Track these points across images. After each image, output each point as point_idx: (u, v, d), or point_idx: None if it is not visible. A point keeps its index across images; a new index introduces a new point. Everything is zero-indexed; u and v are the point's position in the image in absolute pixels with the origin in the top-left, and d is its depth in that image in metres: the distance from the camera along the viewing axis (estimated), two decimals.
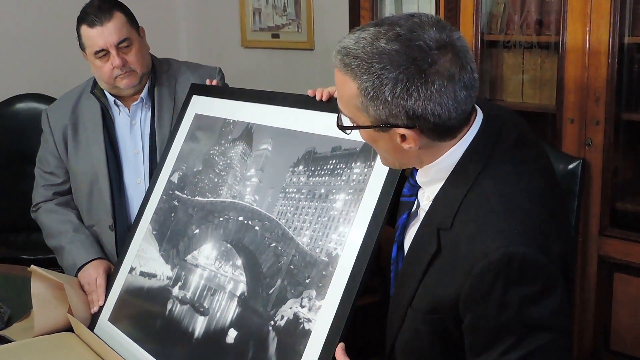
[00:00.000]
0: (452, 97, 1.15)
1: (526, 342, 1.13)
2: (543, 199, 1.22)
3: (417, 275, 1.24)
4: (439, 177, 1.26)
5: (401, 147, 1.21)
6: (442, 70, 1.14)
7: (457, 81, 1.15)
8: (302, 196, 1.56)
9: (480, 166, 1.22)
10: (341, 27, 2.90)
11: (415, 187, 1.35)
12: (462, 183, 1.22)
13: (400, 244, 1.38)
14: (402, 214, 1.38)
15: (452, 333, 1.21)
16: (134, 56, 2.08)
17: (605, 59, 2.05)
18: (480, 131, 1.24)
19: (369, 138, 1.27)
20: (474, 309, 1.14)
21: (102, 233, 2.15)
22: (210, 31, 3.89)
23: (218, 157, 1.84)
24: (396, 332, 1.31)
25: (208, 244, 1.73)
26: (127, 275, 1.90)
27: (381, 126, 1.19)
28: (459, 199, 1.21)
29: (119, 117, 2.18)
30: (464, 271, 1.14)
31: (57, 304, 1.87)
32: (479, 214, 1.18)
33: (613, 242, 2.14)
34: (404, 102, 1.14)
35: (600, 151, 2.10)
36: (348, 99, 1.20)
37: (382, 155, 1.31)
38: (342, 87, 1.21)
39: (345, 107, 1.24)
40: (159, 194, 1.94)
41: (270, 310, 1.49)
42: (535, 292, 1.12)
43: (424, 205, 1.32)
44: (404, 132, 1.18)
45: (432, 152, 1.24)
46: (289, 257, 1.52)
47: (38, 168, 2.23)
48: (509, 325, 1.13)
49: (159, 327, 1.73)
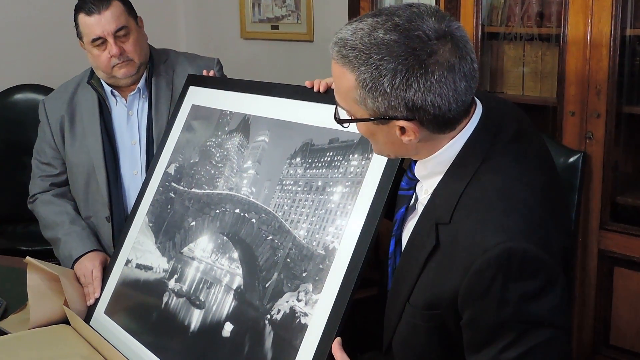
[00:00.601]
0: (452, 88, 1.13)
1: (526, 338, 1.11)
2: (543, 193, 1.20)
3: (415, 271, 1.23)
4: (437, 170, 1.25)
5: (400, 140, 1.20)
6: (441, 61, 1.12)
7: (457, 71, 1.13)
8: (299, 188, 1.55)
9: (479, 159, 1.20)
10: (341, 18, 2.88)
11: (414, 180, 1.34)
12: (461, 177, 1.20)
13: (398, 238, 1.37)
14: (400, 208, 1.36)
15: (450, 329, 1.20)
16: (132, 45, 2.06)
17: (607, 52, 2.04)
18: (480, 124, 1.23)
19: (367, 131, 1.25)
20: (473, 305, 1.13)
21: (99, 224, 2.14)
22: (209, 22, 3.87)
23: (215, 148, 1.82)
24: (394, 327, 1.29)
25: (204, 236, 1.72)
26: (123, 268, 1.88)
27: (380, 119, 1.17)
28: (458, 193, 1.19)
29: (116, 107, 2.16)
30: (462, 267, 1.13)
31: (53, 296, 1.86)
32: (479, 208, 1.16)
33: (613, 236, 2.13)
34: (403, 94, 1.12)
35: (601, 144, 2.08)
36: (346, 92, 1.19)
37: (378, 148, 1.29)
38: (339, 79, 1.19)
39: (342, 100, 1.22)
40: (156, 186, 1.93)
41: (267, 304, 1.48)
42: (535, 288, 1.11)
43: (422, 199, 1.30)
44: (404, 125, 1.16)
45: (431, 145, 1.22)
46: (286, 250, 1.50)
47: (35, 159, 2.22)
48: (508, 322, 1.11)
49: (155, 320, 1.72)
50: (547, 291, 1.11)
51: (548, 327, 1.12)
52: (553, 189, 1.25)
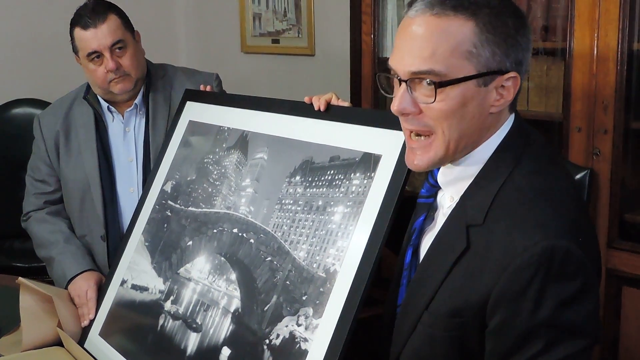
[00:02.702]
0: (529, 62, 1.16)
1: (556, 349, 1.06)
2: (578, 196, 1.18)
3: (437, 277, 1.17)
4: (465, 175, 1.20)
5: (488, 110, 1.15)
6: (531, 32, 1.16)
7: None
8: (298, 208, 1.50)
9: (513, 162, 1.16)
10: (342, 32, 2.85)
11: (435, 187, 1.28)
12: (494, 178, 1.16)
13: (415, 249, 1.29)
14: (419, 216, 1.30)
15: (469, 340, 1.14)
16: (129, 60, 2.02)
17: (614, 66, 1.99)
18: (514, 127, 1.20)
19: (460, 102, 1.12)
20: (506, 307, 1.07)
21: (94, 243, 2.09)
22: (209, 36, 3.85)
23: (212, 165, 1.78)
24: (405, 339, 1.23)
25: (201, 256, 1.67)
26: (119, 288, 1.84)
27: (493, 72, 1.12)
28: (492, 194, 1.14)
29: (113, 123, 2.13)
30: (498, 268, 1.08)
31: (46, 317, 1.82)
32: (516, 208, 1.11)
33: (622, 254, 2.08)
34: (520, 39, 1.13)
35: (608, 161, 2.04)
36: (454, 47, 1.10)
37: (454, 130, 1.15)
38: (444, 36, 1.10)
39: (444, 61, 1.11)
40: (152, 204, 1.88)
41: (265, 329, 1.43)
42: (573, 292, 1.06)
43: (445, 210, 1.24)
44: (514, 75, 1.13)
45: (485, 131, 1.18)
46: (285, 272, 1.45)
47: (29, 176, 2.18)
48: (540, 328, 1.06)
49: (151, 343, 1.67)
50: (584, 296, 1.07)
51: (580, 337, 1.07)
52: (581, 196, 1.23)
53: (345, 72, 2.77)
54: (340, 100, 1.56)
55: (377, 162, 1.38)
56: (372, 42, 2.65)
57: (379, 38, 2.67)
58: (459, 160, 1.20)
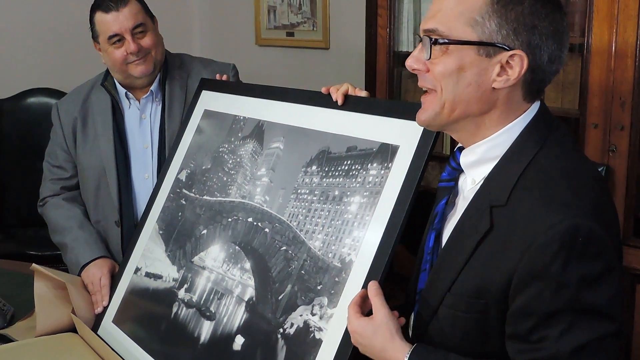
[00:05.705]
0: (560, 50, 1.15)
1: (579, 330, 1.05)
2: (601, 178, 1.19)
3: (461, 259, 1.17)
4: (490, 157, 1.20)
5: (489, 84, 1.15)
6: (566, 20, 1.14)
7: (567, 42, 1.15)
8: (314, 198, 1.50)
9: (537, 146, 1.17)
10: (358, 26, 2.84)
11: (457, 170, 1.27)
12: (519, 160, 1.16)
13: (438, 233, 1.29)
14: (441, 200, 1.29)
15: (491, 322, 1.14)
16: (150, 39, 2.05)
17: (632, 62, 1.98)
18: (539, 113, 1.20)
19: (457, 64, 1.15)
20: (529, 286, 1.07)
21: (108, 228, 2.10)
22: (224, 29, 3.84)
23: (227, 155, 1.78)
24: (427, 324, 1.23)
25: (216, 245, 1.67)
26: (133, 276, 1.84)
27: (496, 45, 1.12)
28: (516, 175, 1.15)
29: (129, 110, 2.13)
30: (521, 247, 1.08)
31: (60, 303, 1.83)
32: (540, 187, 1.12)
33: (636, 252, 2.06)
34: (536, 21, 1.11)
35: (624, 158, 2.03)
36: (461, 11, 1.13)
37: (451, 91, 1.17)
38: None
39: (450, 21, 1.14)
40: (167, 192, 1.88)
41: (280, 317, 1.43)
42: (595, 272, 1.05)
43: (467, 193, 1.24)
44: (520, 54, 1.12)
45: (497, 119, 1.18)
46: (300, 261, 1.45)
47: (46, 161, 2.19)
48: (563, 309, 1.05)
49: (164, 331, 1.68)
50: (606, 277, 1.06)
51: (604, 321, 1.06)
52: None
53: (361, 66, 2.76)
54: (358, 89, 1.55)
55: (394, 153, 1.38)
56: (388, 35, 2.64)
57: (394, 32, 2.66)
58: (482, 141, 1.20)
